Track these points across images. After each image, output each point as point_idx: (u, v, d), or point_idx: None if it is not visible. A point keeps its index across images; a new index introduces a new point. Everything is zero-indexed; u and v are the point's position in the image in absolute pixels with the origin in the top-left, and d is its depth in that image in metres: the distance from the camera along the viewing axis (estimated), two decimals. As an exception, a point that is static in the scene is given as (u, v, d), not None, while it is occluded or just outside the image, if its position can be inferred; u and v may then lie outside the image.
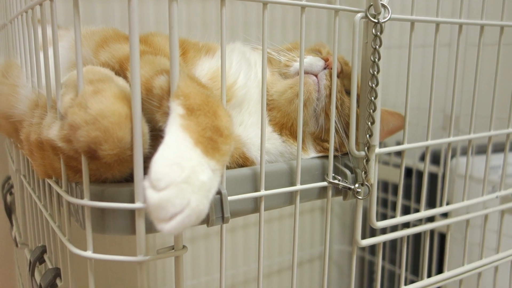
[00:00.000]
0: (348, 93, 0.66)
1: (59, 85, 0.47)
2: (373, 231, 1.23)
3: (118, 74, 0.50)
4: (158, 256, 0.46)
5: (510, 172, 0.98)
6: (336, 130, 0.60)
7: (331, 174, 0.59)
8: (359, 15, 0.56)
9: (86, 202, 0.45)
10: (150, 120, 0.46)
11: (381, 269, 0.72)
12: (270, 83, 0.64)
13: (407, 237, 0.70)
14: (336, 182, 0.59)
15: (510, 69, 0.83)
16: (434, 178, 1.19)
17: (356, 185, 0.59)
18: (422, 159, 1.25)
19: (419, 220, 0.76)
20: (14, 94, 0.59)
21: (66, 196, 0.48)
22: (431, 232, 1.22)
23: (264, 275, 1.03)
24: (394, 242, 1.33)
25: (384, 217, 1.34)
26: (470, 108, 0.72)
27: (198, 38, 0.67)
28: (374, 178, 0.59)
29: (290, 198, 0.58)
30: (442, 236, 1.22)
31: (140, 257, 0.44)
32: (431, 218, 1.01)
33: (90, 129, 0.41)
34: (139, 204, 0.43)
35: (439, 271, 0.82)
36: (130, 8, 0.41)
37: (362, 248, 1.46)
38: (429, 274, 0.72)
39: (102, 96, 0.42)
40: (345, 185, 0.59)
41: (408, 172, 1.27)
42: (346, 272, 1.55)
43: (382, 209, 1.37)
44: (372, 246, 1.43)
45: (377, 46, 0.55)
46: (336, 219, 1.54)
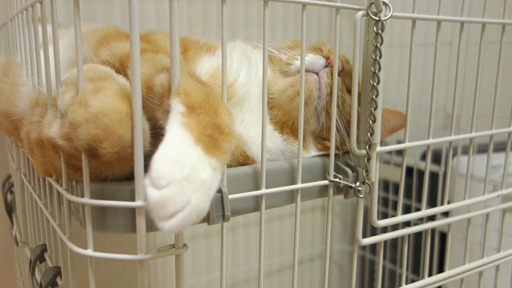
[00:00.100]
0: (349, 91, 0.66)
1: (60, 83, 0.47)
2: (374, 230, 1.23)
3: (118, 72, 0.50)
4: (158, 254, 0.46)
5: (511, 171, 0.98)
6: (337, 129, 0.60)
7: (332, 172, 0.59)
8: (360, 13, 0.55)
9: (86, 200, 0.45)
10: (151, 118, 0.46)
11: (382, 268, 0.72)
12: (271, 81, 0.64)
13: (408, 236, 0.69)
14: (337, 180, 0.59)
15: None
16: (435, 177, 1.19)
17: (357, 183, 0.59)
18: (423, 158, 1.25)
19: (420, 219, 0.76)
20: (15, 93, 0.59)
21: (66, 194, 0.48)
22: (432, 231, 1.21)
23: (264, 274, 1.03)
24: (395, 241, 1.33)
25: (385, 216, 1.34)
26: (471, 107, 0.72)
27: (199, 36, 0.67)
28: (375, 177, 0.59)
29: (291, 197, 0.58)
30: (443, 235, 1.22)
31: (140, 255, 0.44)
32: (432, 217, 1.01)
33: (90, 127, 0.41)
34: (140, 202, 0.43)
35: (440, 270, 0.82)
36: (131, 6, 0.41)
37: (363, 247, 1.46)
38: (430, 273, 0.72)
39: (102, 94, 0.42)
40: (346, 183, 0.59)
41: (409, 171, 1.27)
42: (347, 271, 1.55)
43: (383, 208, 1.37)
44: (373, 245, 1.43)
45: (378, 44, 0.55)
46: (337, 218, 1.54)
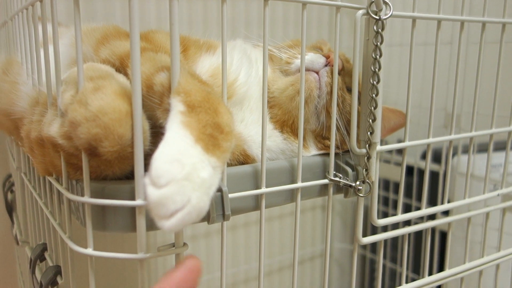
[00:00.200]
0: (349, 90, 0.65)
1: (60, 82, 0.47)
2: (374, 229, 1.23)
3: (118, 71, 0.50)
4: (158, 253, 0.46)
5: (511, 170, 0.98)
6: (337, 128, 0.60)
7: (332, 171, 0.59)
8: (361, 12, 0.55)
9: (86, 199, 0.45)
10: (151, 117, 0.46)
11: (382, 267, 0.72)
12: (271, 80, 0.64)
13: (408, 235, 0.69)
14: (337, 179, 0.59)
15: (512, 66, 0.83)
16: (435, 176, 1.19)
17: (357, 182, 0.59)
18: (423, 158, 1.25)
19: (420, 218, 0.76)
20: (15, 92, 0.59)
21: (66, 193, 0.48)
22: (432, 230, 1.22)
23: (265, 274, 1.03)
24: (395, 240, 1.33)
25: (385, 215, 1.34)
26: (471, 106, 0.72)
27: (199, 35, 0.67)
28: (375, 176, 0.59)
29: (291, 196, 0.58)
30: (443, 234, 1.22)
31: (140, 254, 0.44)
32: (432, 216, 1.01)
33: (90, 126, 0.41)
34: (140, 201, 0.43)
35: (440, 269, 0.82)
36: (131, 4, 0.41)
37: (363, 246, 1.46)
38: (430, 272, 0.72)
39: (102, 93, 0.42)
40: (346, 182, 0.59)
41: (409, 170, 1.27)
42: (347, 270, 1.55)
43: (383, 207, 1.37)
44: (373, 244, 1.43)
45: (378, 43, 0.55)
46: (337, 217, 1.54)
